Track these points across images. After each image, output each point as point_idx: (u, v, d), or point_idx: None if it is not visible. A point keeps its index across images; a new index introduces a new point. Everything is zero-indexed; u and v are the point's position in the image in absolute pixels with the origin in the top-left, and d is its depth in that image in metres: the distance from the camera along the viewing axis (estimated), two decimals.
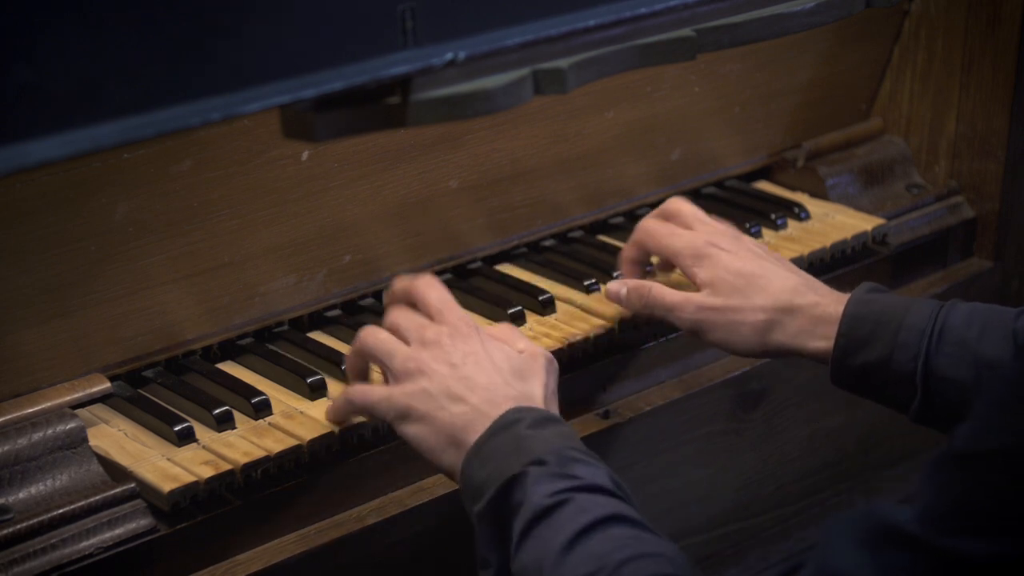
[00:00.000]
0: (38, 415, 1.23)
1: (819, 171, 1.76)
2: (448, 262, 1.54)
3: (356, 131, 1.04)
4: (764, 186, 1.79)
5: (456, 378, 1.19)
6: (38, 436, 1.20)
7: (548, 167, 1.58)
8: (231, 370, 1.38)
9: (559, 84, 1.08)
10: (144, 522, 1.19)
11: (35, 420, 1.22)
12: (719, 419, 1.51)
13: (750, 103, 1.73)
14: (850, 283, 1.57)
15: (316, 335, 1.44)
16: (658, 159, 1.68)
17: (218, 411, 1.28)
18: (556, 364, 1.25)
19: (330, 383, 1.34)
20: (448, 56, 1.02)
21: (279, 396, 1.33)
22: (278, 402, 1.32)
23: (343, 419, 1.28)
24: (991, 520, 0.88)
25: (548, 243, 1.62)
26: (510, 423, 1.15)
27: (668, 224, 1.43)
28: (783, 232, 1.66)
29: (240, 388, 1.33)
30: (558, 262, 1.57)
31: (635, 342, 1.47)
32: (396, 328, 1.25)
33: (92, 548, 1.16)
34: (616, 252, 1.57)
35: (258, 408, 1.30)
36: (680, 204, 1.45)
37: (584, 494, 1.09)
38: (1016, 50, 1.69)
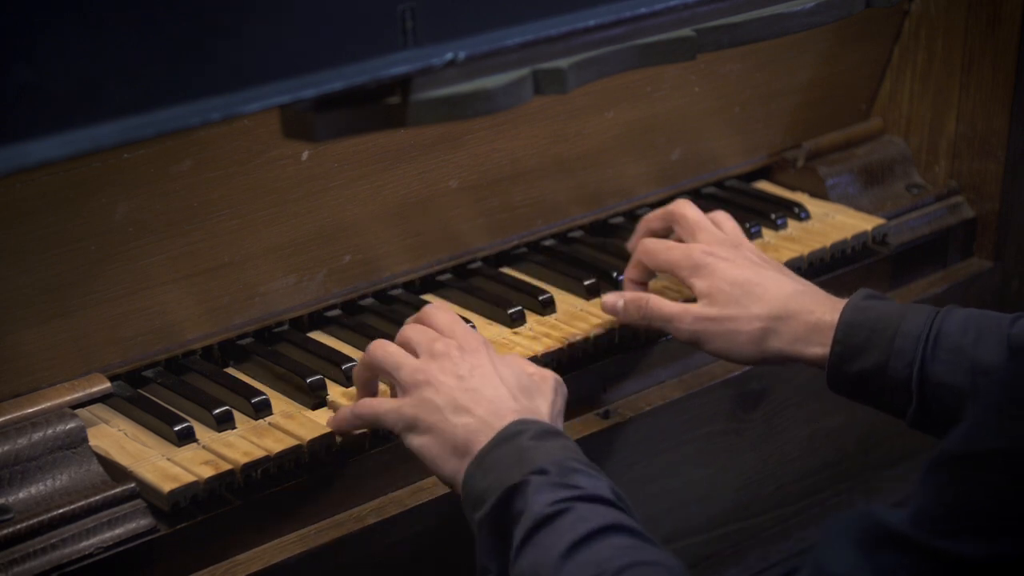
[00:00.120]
0: (38, 415, 1.23)
1: (819, 171, 1.76)
2: (448, 262, 1.54)
3: (356, 131, 1.04)
4: (764, 186, 1.79)
5: (462, 390, 1.19)
6: (38, 436, 1.21)
7: (548, 167, 1.58)
8: (232, 370, 1.38)
9: (559, 84, 1.08)
10: (144, 522, 1.19)
11: (35, 420, 1.22)
12: (719, 419, 1.51)
13: (750, 103, 1.73)
14: (850, 283, 1.57)
15: (316, 335, 1.45)
16: (658, 159, 1.68)
17: (218, 411, 1.28)
18: (565, 389, 1.25)
19: (330, 383, 1.34)
20: (448, 56, 1.02)
21: (279, 396, 1.33)
22: (278, 402, 1.32)
23: (346, 431, 1.28)
24: (986, 522, 0.88)
25: (548, 243, 1.62)
26: (513, 434, 1.15)
27: (664, 240, 1.44)
28: (783, 232, 1.66)
29: (240, 388, 1.33)
30: (558, 262, 1.57)
31: (635, 342, 1.47)
32: (406, 341, 1.26)
33: (92, 548, 1.16)
34: (616, 252, 1.57)
35: (258, 408, 1.30)
36: (684, 208, 1.45)
37: (585, 504, 1.09)
38: (1016, 50, 1.69)
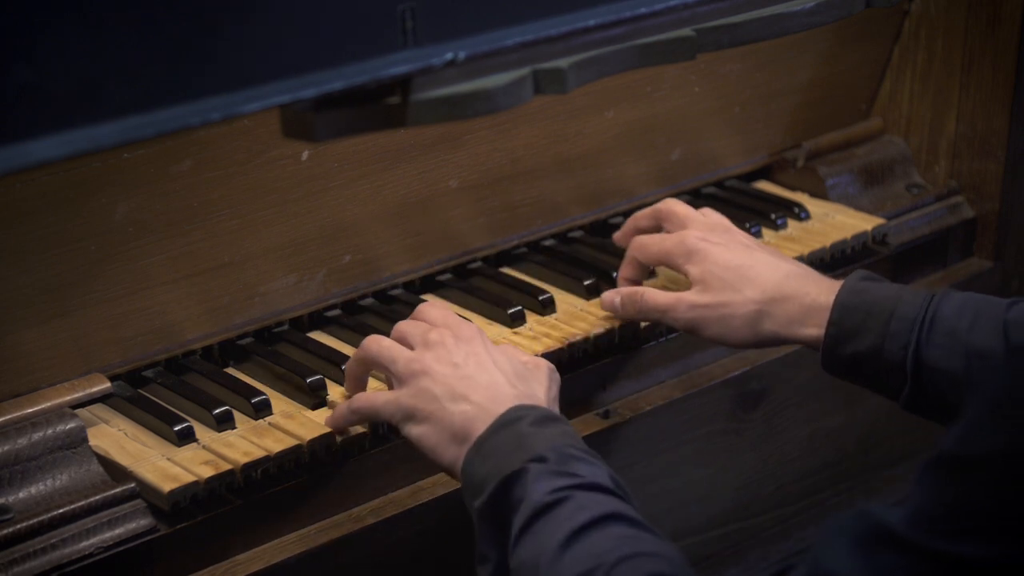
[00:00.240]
0: (38, 415, 1.23)
1: (819, 171, 1.76)
2: (448, 262, 1.54)
3: (356, 131, 1.04)
4: (764, 186, 1.79)
5: (458, 377, 1.19)
6: (38, 436, 1.20)
7: (548, 167, 1.58)
8: (232, 370, 1.38)
9: (559, 84, 1.08)
10: (144, 522, 1.19)
11: (35, 420, 1.22)
12: (719, 419, 1.51)
13: (750, 103, 1.73)
14: None
15: (316, 335, 1.45)
16: (658, 159, 1.68)
17: (218, 411, 1.28)
18: (558, 376, 1.26)
19: (330, 383, 1.34)
20: (448, 56, 1.02)
21: (279, 396, 1.33)
22: (278, 402, 1.32)
23: (344, 428, 1.28)
24: (983, 523, 0.87)
25: (548, 243, 1.62)
26: (512, 420, 1.15)
27: (656, 234, 1.45)
28: (783, 232, 1.66)
29: (240, 388, 1.33)
30: (558, 262, 1.57)
31: (635, 342, 1.47)
32: (401, 334, 1.27)
33: (92, 548, 1.16)
34: (616, 252, 1.57)
35: (258, 408, 1.30)
36: (672, 205, 1.46)
37: (584, 492, 1.09)
38: (1016, 50, 1.69)
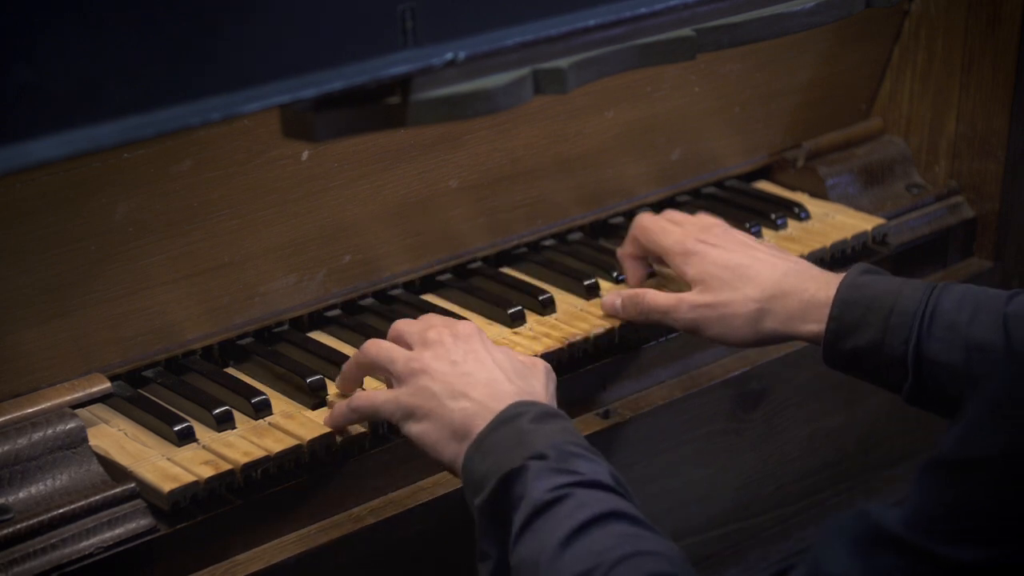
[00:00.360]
0: (38, 415, 1.23)
1: (819, 171, 1.76)
2: (448, 262, 1.54)
3: (356, 131, 1.04)
4: (764, 186, 1.79)
5: (457, 375, 1.20)
6: (38, 436, 1.20)
7: (548, 167, 1.58)
8: (232, 370, 1.38)
9: (559, 84, 1.08)
10: (144, 522, 1.18)
11: (35, 420, 1.22)
12: (719, 419, 1.51)
13: (750, 103, 1.73)
14: None
15: (316, 335, 1.44)
16: (658, 159, 1.68)
17: (218, 411, 1.28)
18: (555, 376, 1.26)
19: (330, 383, 1.34)
20: (448, 56, 1.02)
21: (279, 396, 1.33)
22: (278, 402, 1.32)
23: (343, 427, 1.28)
24: (982, 525, 0.87)
25: (548, 243, 1.62)
26: (512, 417, 1.15)
27: (660, 219, 1.46)
28: (783, 232, 1.66)
29: (240, 388, 1.33)
30: (558, 262, 1.57)
31: (635, 342, 1.47)
32: (398, 334, 1.27)
33: (92, 548, 1.16)
34: (616, 253, 1.57)
35: (258, 408, 1.30)
36: (672, 213, 1.49)
37: (584, 490, 1.09)
38: (1016, 50, 1.69)
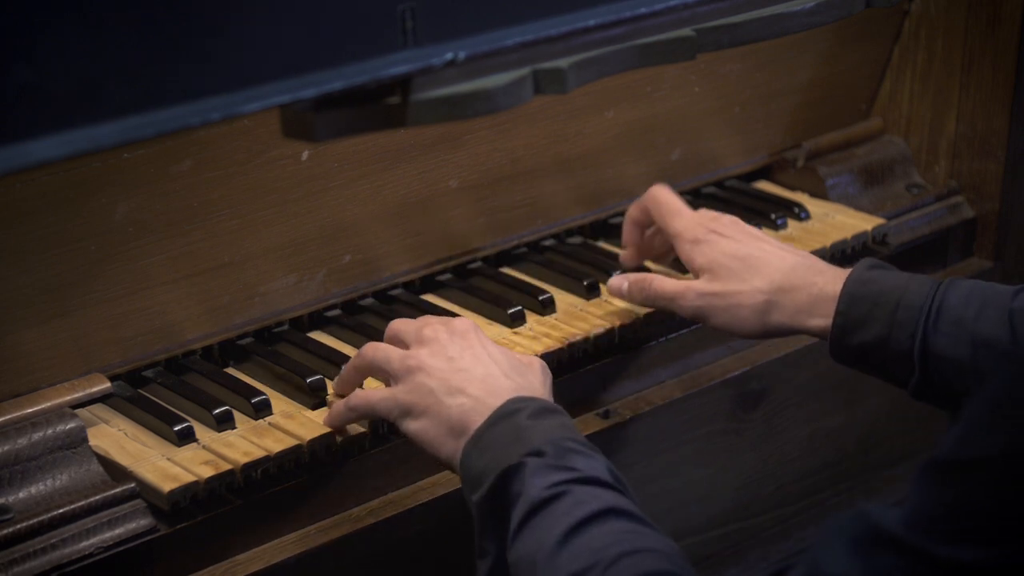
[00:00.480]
0: (38, 415, 1.23)
1: (819, 171, 1.76)
2: (448, 262, 1.54)
3: (356, 131, 1.04)
4: (764, 186, 1.79)
5: (454, 371, 1.20)
6: (38, 436, 1.20)
7: (548, 167, 1.58)
8: (232, 370, 1.38)
9: (559, 84, 1.08)
10: (144, 522, 1.18)
11: (35, 420, 1.22)
12: (719, 419, 1.51)
13: (750, 103, 1.73)
14: None
15: (316, 335, 1.44)
16: (658, 159, 1.68)
17: (218, 411, 1.28)
18: (550, 373, 1.26)
19: (330, 383, 1.34)
20: (448, 56, 1.02)
21: (279, 396, 1.33)
22: (278, 402, 1.32)
23: (341, 426, 1.28)
24: (982, 525, 0.87)
25: (548, 243, 1.62)
26: (510, 412, 1.15)
27: (674, 198, 1.44)
28: (783, 232, 1.66)
29: (240, 388, 1.33)
30: (558, 262, 1.57)
31: (635, 342, 1.47)
32: (395, 333, 1.27)
33: (92, 548, 1.16)
34: (616, 252, 1.57)
35: (258, 408, 1.30)
36: (657, 193, 1.46)
37: (582, 486, 1.09)
38: (1016, 50, 1.69)
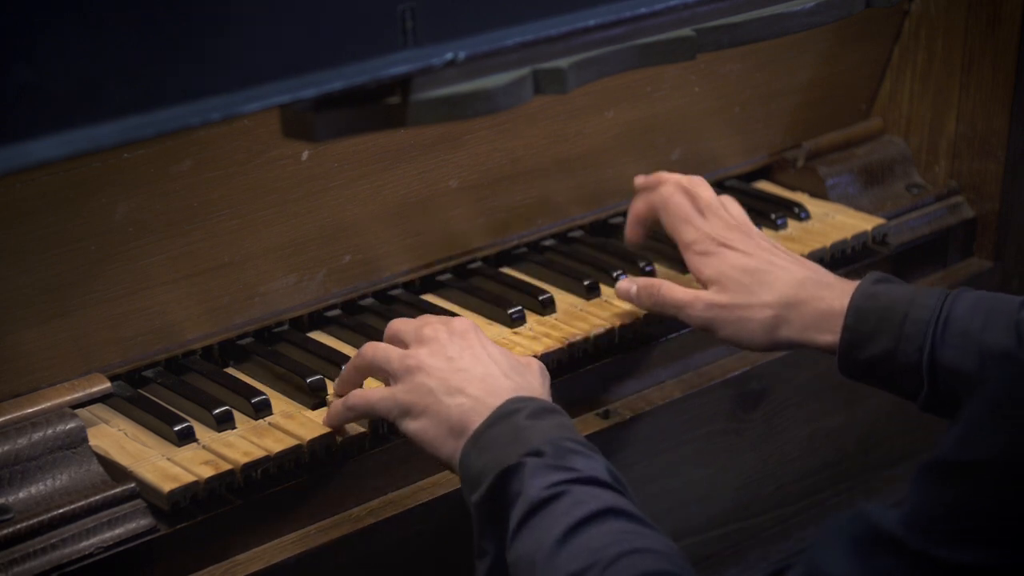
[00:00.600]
0: (38, 415, 1.23)
1: (819, 171, 1.76)
2: (448, 262, 1.54)
3: (356, 131, 1.04)
4: (764, 186, 1.79)
5: (453, 371, 1.20)
6: (38, 436, 1.20)
7: (548, 167, 1.58)
8: (232, 370, 1.38)
9: (559, 84, 1.08)
10: (144, 522, 1.18)
11: (35, 420, 1.22)
12: (719, 419, 1.51)
13: (750, 103, 1.73)
14: None
15: (316, 335, 1.44)
16: (658, 159, 1.68)
17: (218, 411, 1.28)
18: (548, 374, 1.25)
19: (330, 383, 1.34)
20: (448, 56, 1.02)
21: (279, 396, 1.33)
22: (278, 402, 1.32)
23: (340, 425, 1.28)
24: (982, 526, 0.87)
25: (548, 243, 1.62)
26: (509, 412, 1.15)
27: (688, 204, 1.42)
28: (783, 232, 1.66)
29: (240, 388, 1.33)
30: (558, 262, 1.57)
31: (635, 342, 1.47)
32: (395, 333, 1.27)
33: (92, 548, 1.16)
34: (616, 252, 1.57)
35: (258, 408, 1.30)
36: (702, 189, 1.43)
37: (581, 486, 1.09)
38: (1016, 50, 1.69)
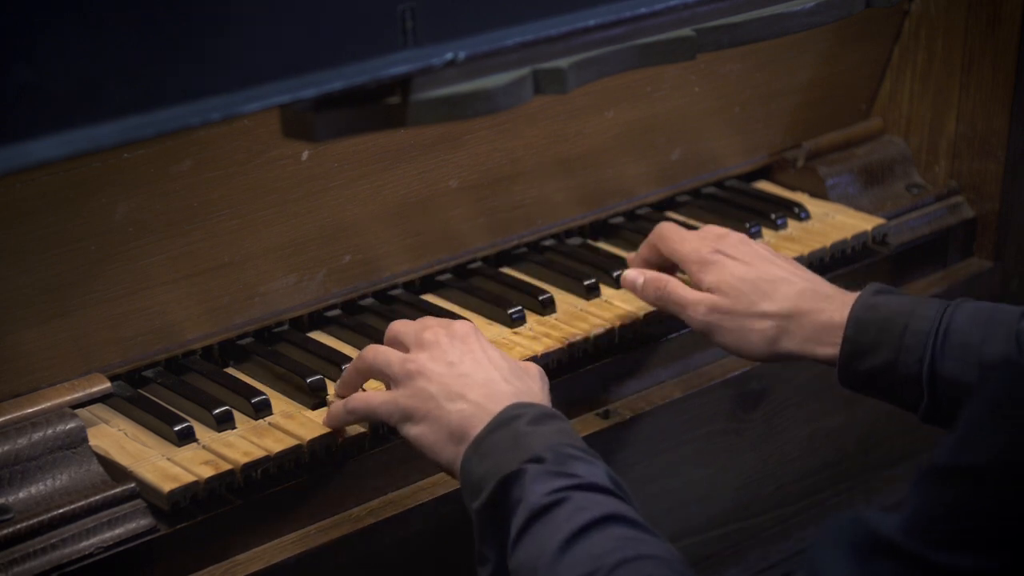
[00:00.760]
0: (38, 415, 1.23)
1: (819, 171, 1.76)
2: (448, 262, 1.54)
3: (356, 131, 1.04)
4: (764, 186, 1.79)
5: (454, 376, 1.19)
6: (38, 436, 1.20)
7: (548, 167, 1.58)
8: (232, 370, 1.38)
9: (559, 84, 1.08)
10: (144, 522, 1.19)
11: (35, 420, 1.22)
12: (719, 419, 1.51)
13: (750, 103, 1.73)
14: (850, 284, 1.57)
15: (316, 335, 1.44)
16: (658, 159, 1.68)
17: (218, 411, 1.28)
18: (547, 378, 1.25)
19: (330, 383, 1.34)
20: (448, 56, 1.02)
21: (279, 396, 1.33)
22: (278, 402, 1.32)
23: (339, 427, 1.28)
24: (982, 529, 0.86)
25: (548, 243, 1.62)
26: (509, 419, 1.15)
27: (680, 229, 1.44)
28: (783, 232, 1.66)
29: (240, 388, 1.33)
30: (558, 262, 1.57)
31: (635, 342, 1.47)
32: (395, 336, 1.26)
33: (92, 548, 1.16)
34: (616, 253, 1.57)
35: (258, 408, 1.30)
36: (664, 230, 1.45)
37: (582, 492, 1.09)
38: (1016, 50, 1.69)
